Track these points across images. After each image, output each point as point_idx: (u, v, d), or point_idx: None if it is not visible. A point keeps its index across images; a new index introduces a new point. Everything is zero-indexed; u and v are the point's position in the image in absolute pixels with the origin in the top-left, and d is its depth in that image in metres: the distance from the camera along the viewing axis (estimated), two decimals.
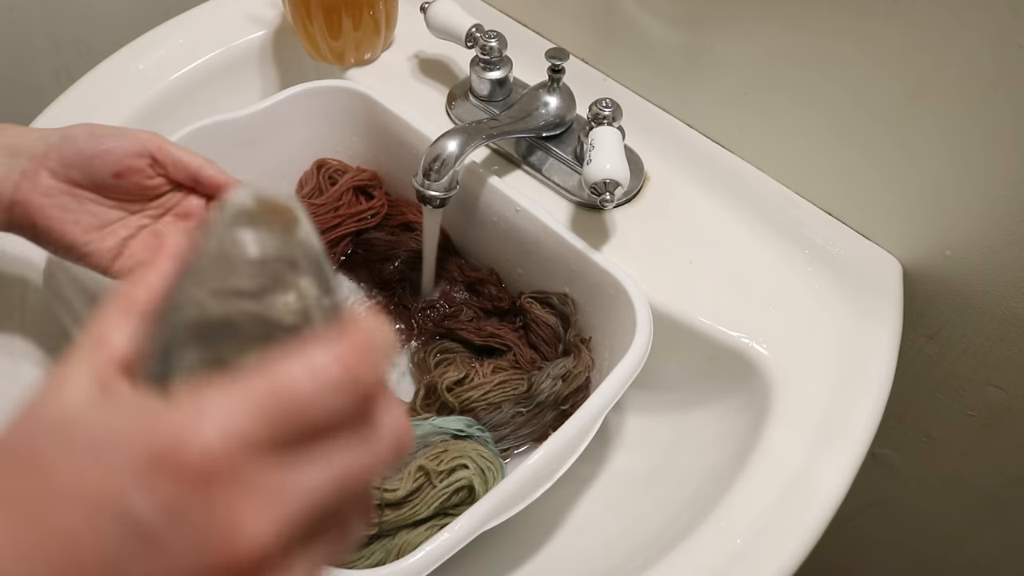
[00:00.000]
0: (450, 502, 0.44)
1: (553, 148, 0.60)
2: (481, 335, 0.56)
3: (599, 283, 0.52)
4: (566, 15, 0.66)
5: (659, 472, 0.53)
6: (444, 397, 0.52)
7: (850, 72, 0.50)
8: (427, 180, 0.52)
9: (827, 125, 0.54)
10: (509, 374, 0.53)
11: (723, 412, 0.52)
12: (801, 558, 0.44)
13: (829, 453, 0.47)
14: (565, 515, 0.52)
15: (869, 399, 0.49)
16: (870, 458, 0.49)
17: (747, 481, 0.46)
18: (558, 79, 0.58)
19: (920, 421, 0.67)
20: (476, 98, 0.63)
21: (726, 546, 0.43)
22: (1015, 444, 0.62)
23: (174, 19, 0.69)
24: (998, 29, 0.43)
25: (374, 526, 0.43)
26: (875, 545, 0.85)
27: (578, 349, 0.53)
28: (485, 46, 0.60)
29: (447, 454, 0.45)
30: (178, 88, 0.66)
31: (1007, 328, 0.55)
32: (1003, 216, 0.49)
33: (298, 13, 0.62)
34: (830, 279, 0.55)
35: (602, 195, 0.51)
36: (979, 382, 0.60)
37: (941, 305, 0.57)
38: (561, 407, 0.51)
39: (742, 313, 0.52)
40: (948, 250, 0.54)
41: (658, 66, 0.61)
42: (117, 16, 0.85)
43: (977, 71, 0.45)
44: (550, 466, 0.43)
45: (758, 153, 0.60)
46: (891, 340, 0.52)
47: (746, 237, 0.57)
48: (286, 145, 0.62)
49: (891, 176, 0.53)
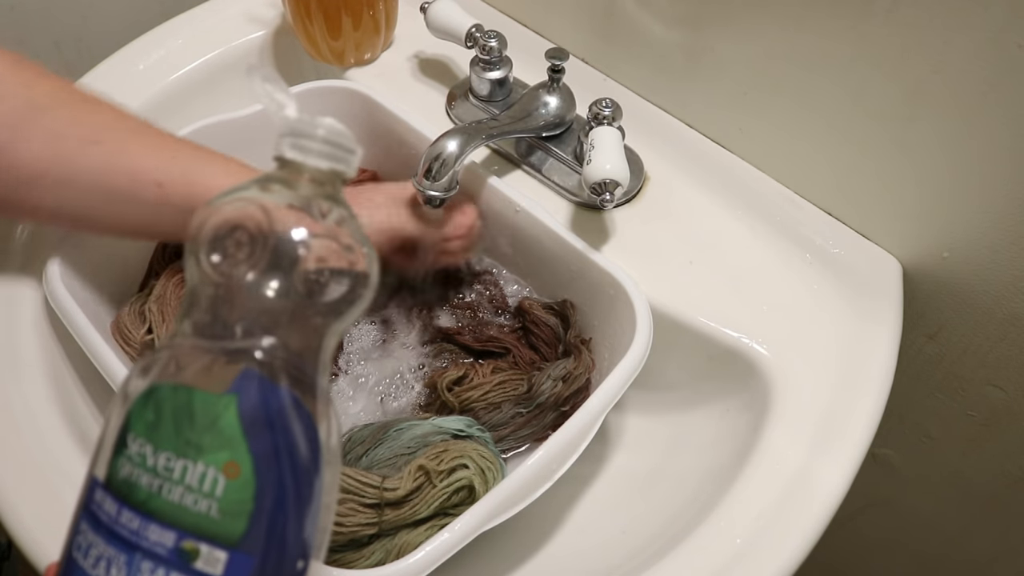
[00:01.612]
0: (450, 502, 0.44)
1: (553, 148, 0.60)
2: (479, 340, 0.56)
3: (599, 283, 0.52)
4: (566, 15, 0.66)
5: (659, 472, 0.53)
6: (444, 396, 0.52)
7: (850, 72, 0.50)
8: (427, 180, 0.52)
9: (827, 125, 0.54)
10: (509, 374, 0.53)
11: (723, 412, 0.52)
12: (801, 558, 0.44)
13: (829, 453, 0.47)
14: (565, 515, 0.52)
15: (869, 399, 0.49)
16: (870, 458, 0.49)
17: (747, 481, 0.46)
18: (558, 79, 0.58)
19: (920, 421, 0.67)
20: (476, 98, 0.63)
21: (726, 546, 0.43)
22: (1015, 444, 0.62)
23: (174, 19, 0.69)
24: (997, 30, 0.43)
25: (374, 526, 0.43)
26: (875, 545, 0.85)
27: (578, 350, 0.53)
28: (485, 46, 0.60)
29: (447, 454, 0.45)
30: (178, 88, 0.66)
31: (1007, 328, 0.55)
32: (1003, 216, 0.49)
33: (298, 13, 0.62)
34: (830, 279, 0.55)
35: (602, 195, 0.51)
36: (979, 382, 0.60)
37: (941, 305, 0.57)
38: (561, 408, 0.51)
39: (742, 313, 0.52)
40: (946, 252, 0.54)
41: (658, 66, 0.61)
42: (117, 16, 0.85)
43: (976, 71, 0.45)
44: (550, 466, 0.43)
45: (758, 153, 0.60)
46: (891, 340, 0.52)
47: (746, 237, 0.57)
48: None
49: (891, 176, 0.53)
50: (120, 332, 0.50)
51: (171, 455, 0.26)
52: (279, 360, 0.28)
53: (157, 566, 0.25)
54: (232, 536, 0.25)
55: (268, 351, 0.28)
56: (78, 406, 0.49)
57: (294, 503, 0.27)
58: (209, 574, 0.25)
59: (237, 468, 0.26)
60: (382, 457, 0.47)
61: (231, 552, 0.25)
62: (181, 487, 0.25)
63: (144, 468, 0.26)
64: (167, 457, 0.26)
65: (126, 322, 0.50)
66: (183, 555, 0.25)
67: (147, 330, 0.50)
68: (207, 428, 0.26)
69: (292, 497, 0.27)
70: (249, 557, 0.25)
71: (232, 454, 0.26)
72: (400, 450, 0.47)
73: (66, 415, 0.47)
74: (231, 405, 0.26)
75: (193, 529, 0.25)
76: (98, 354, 0.45)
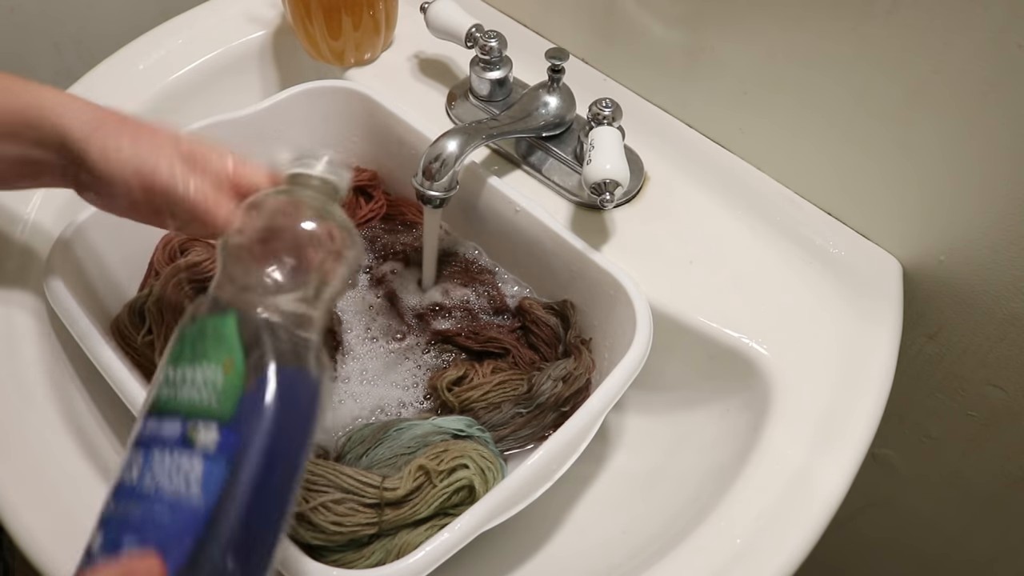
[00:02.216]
0: (450, 502, 0.44)
1: (553, 148, 0.60)
2: (479, 341, 0.56)
3: (599, 283, 0.52)
4: (566, 15, 0.66)
5: (659, 472, 0.53)
6: (444, 396, 0.52)
7: (850, 72, 0.50)
8: (427, 180, 0.52)
9: (827, 125, 0.54)
10: (509, 374, 0.53)
11: (723, 412, 0.52)
12: (801, 558, 0.44)
13: (829, 453, 0.47)
14: (565, 515, 0.52)
15: (869, 399, 0.49)
16: (870, 458, 0.49)
17: (747, 481, 0.46)
18: (558, 79, 0.58)
19: (920, 421, 0.67)
20: (476, 98, 0.63)
21: (726, 546, 0.43)
22: (1015, 444, 0.62)
23: (174, 19, 0.69)
24: (997, 30, 0.43)
25: (374, 525, 0.43)
26: (875, 545, 0.85)
27: (579, 350, 0.53)
28: (485, 46, 0.60)
29: (447, 454, 0.45)
30: (178, 88, 0.66)
31: (1007, 328, 0.55)
32: (1003, 215, 0.49)
33: (298, 13, 0.62)
34: (830, 279, 0.55)
35: (602, 195, 0.51)
36: (979, 382, 0.60)
37: (941, 305, 0.57)
38: (561, 409, 0.51)
39: (742, 313, 0.52)
40: (942, 255, 0.54)
41: (658, 66, 0.61)
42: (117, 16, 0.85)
43: (976, 72, 0.45)
44: (550, 466, 0.43)
45: (758, 153, 0.60)
46: (891, 340, 0.52)
47: (746, 237, 0.57)
48: (286, 145, 0.62)
49: (891, 176, 0.53)
50: (120, 332, 0.50)
51: (185, 368, 0.33)
52: (279, 312, 0.35)
53: (165, 451, 0.31)
54: (224, 417, 0.32)
55: (271, 306, 0.36)
56: (78, 406, 0.49)
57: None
58: (206, 449, 0.31)
59: (232, 362, 0.33)
60: (382, 457, 0.47)
61: (223, 430, 0.31)
62: (189, 386, 0.33)
63: (166, 385, 0.34)
64: (183, 370, 0.33)
65: (126, 322, 0.50)
66: (186, 440, 0.32)
67: (147, 330, 0.50)
68: (213, 337, 0.34)
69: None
70: (237, 435, 0.31)
71: (230, 353, 0.33)
72: (400, 450, 0.47)
73: (66, 415, 0.47)
74: (232, 318, 0.34)
75: (196, 415, 0.32)
76: (98, 354, 0.45)
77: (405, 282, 0.61)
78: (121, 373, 0.44)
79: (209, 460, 0.31)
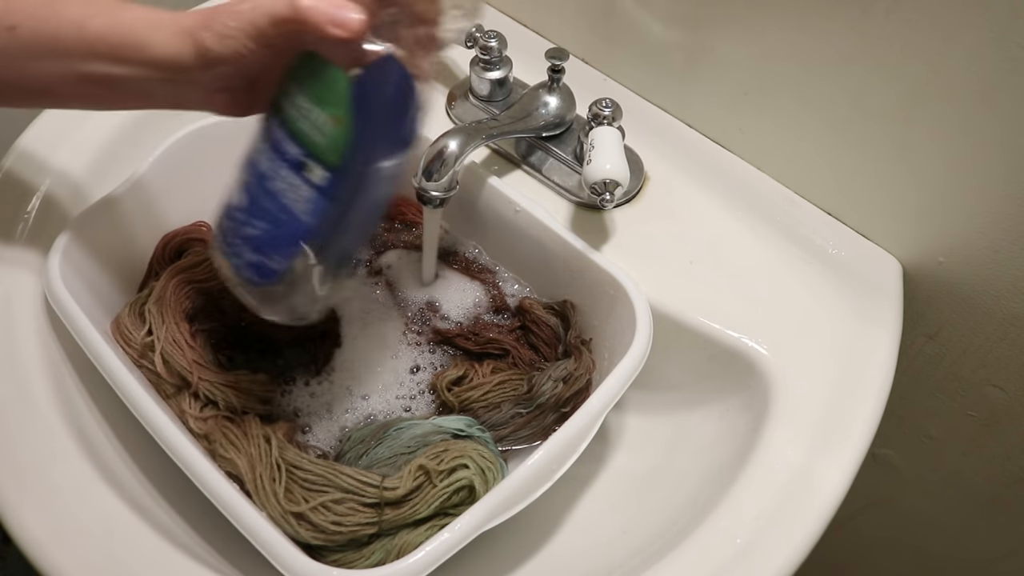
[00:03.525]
0: (450, 502, 0.44)
1: (553, 148, 0.60)
2: (478, 343, 0.56)
3: (599, 283, 0.52)
4: (566, 15, 0.66)
5: (659, 472, 0.53)
6: (444, 396, 0.52)
7: (850, 72, 0.50)
8: (427, 180, 0.52)
9: (827, 125, 0.54)
10: (509, 374, 0.53)
11: (723, 412, 0.52)
12: (801, 558, 0.44)
13: (829, 453, 0.47)
14: (565, 515, 0.52)
15: (869, 399, 0.50)
16: (870, 458, 0.49)
17: (747, 481, 0.46)
18: (558, 79, 0.58)
19: (920, 421, 0.67)
20: (476, 98, 0.63)
21: (726, 546, 0.43)
22: (1015, 444, 0.62)
23: None
24: (997, 30, 0.43)
25: (374, 525, 0.43)
26: (875, 545, 0.85)
27: (579, 351, 0.53)
28: (485, 46, 0.60)
29: (447, 454, 0.45)
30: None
31: (1007, 328, 0.55)
32: (1003, 215, 0.49)
33: None
34: (830, 279, 0.55)
35: (602, 195, 0.51)
36: (979, 382, 0.60)
37: (941, 305, 0.57)
38: (562, 409, 0.51)
39: (742, 313, 0.52)
40: (941, 256, 0.54)
41: (658, 66, 0.61)
42: None
43: (976, 72, 0.45)
44: (550, 466, 0.43)
45: (758, 153, 0.60)
46: (891, 340, 0.52)
47: (746, 237, 0.57)
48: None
49: (891, 176, 0.53)
50: (120, 332, 0.50)
51: (311, 104, 0.39)
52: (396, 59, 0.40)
53: (283, 165, 0.40)
54: (331, 163, 0.39)
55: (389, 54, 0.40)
56: (78, 406, 0.49)
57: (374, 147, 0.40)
58: (312, 181, 0.39)
59: (340, 120, 0.38)
60: (382, 456, 0.47)
61: (331, 172, 0.39)
62: (310, 124, 0.39)
63: (295, 107, 0.40)
64: (306, 100, 0.39)
65: (126, 322, 0.50)
66: (300, 165, 0.40)
67: (147, 331, 0.50)
68: (329, 88, 0.39)
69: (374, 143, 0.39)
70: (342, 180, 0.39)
71: (340, 110, 0.38)
72: (400, 449, 0.47)
73: (66, 415, 0.47)
74: (345, 79, 0.38)
75: (311, 149, 0.39)
76: (98, 354, 0.45)
77: (405, 281, 0.61)
78: (121, 373, 0.44)
79: (318, 191, 0.39)
